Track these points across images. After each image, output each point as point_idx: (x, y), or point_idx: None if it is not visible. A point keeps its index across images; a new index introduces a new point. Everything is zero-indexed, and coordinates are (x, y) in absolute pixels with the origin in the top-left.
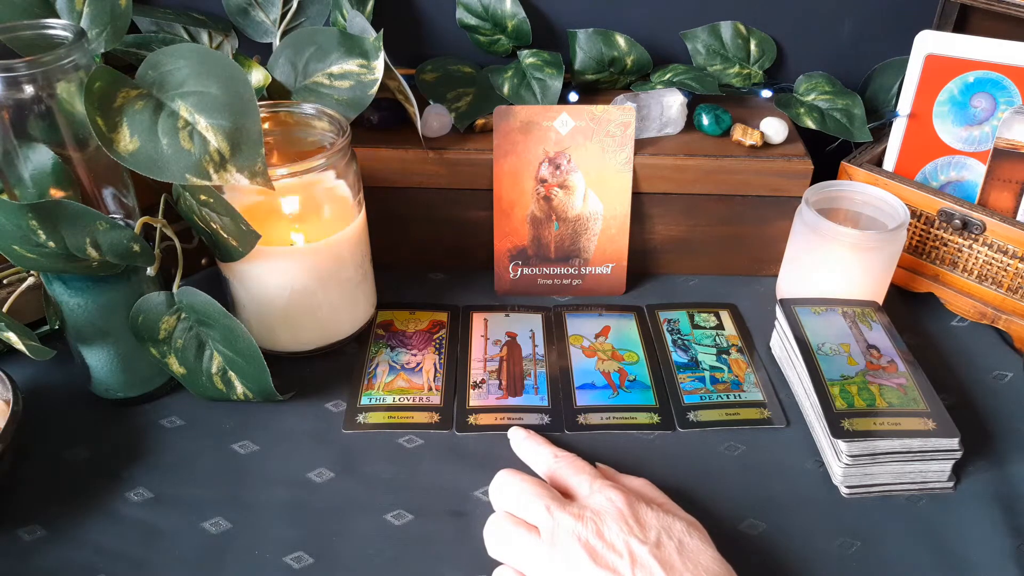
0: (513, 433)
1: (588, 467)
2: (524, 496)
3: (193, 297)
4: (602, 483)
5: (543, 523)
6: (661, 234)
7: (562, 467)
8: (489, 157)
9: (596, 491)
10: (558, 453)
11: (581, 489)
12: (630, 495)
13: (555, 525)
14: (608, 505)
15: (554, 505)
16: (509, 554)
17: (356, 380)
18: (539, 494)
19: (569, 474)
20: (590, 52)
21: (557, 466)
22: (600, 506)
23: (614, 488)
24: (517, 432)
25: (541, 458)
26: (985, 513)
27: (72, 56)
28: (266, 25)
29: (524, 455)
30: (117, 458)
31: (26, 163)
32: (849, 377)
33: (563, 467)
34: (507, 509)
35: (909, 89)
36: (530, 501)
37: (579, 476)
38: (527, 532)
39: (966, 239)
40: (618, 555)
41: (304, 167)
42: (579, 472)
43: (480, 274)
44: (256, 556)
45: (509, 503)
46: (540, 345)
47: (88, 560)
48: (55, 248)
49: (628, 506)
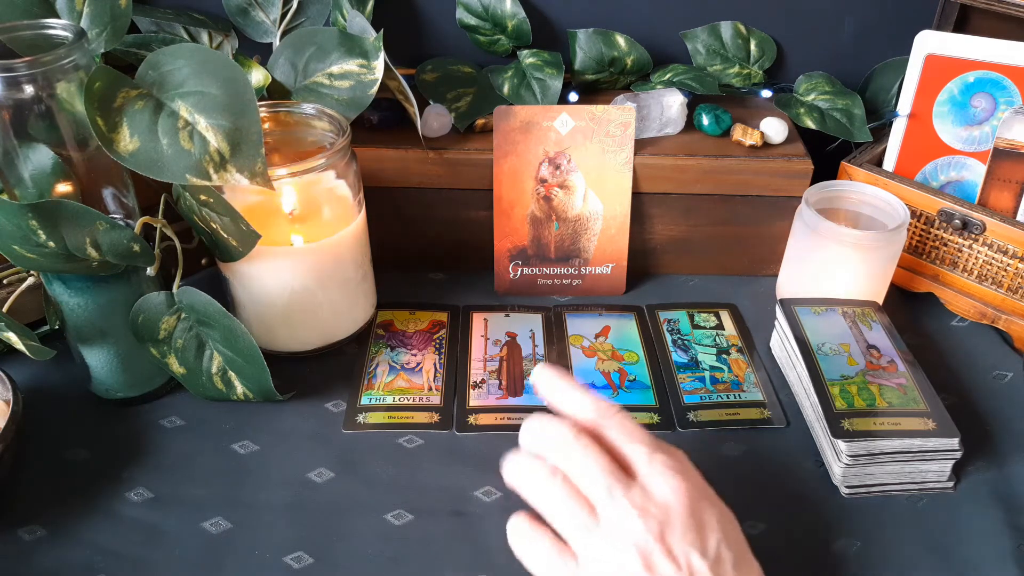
0: (540, 372)
1: (641, 432)
2: (585, 465)
3: (193, 297)
4: (663, 460)
5: (602, 506)
6: (661, 234)
7: (613, 428)
8: (489, 157)
9: (657, 471)
10: (602, 407)
11: (639, 463)
12: (692, 483)
13: (616, 514)
14: (672, 498)
15: (617, 487)
16: (558, 522)
17: (356, 380)
18: (603, 468)
19: (623, 440)
20: (590, 52)
21: (608, 425)
22: (664, 498)
23: (677, 473)
24: (544, 371)
25: (583, 407)
26: (985, 513)
27: (72, 56)
28: (266, 25)
29: (558, 400)
30: (117, 458)
31: (26, 163)
32: (849, 377)
33: (614, 428)
34: (558, 467)
35: (909, 89)
36: (592, 474)
37: (634, 445)
38: (581, 509)
39: (966, 239)
40: (677, 567)
41: (304, 167)
42: (634, 439)
43: (480, 274)
44: (256, 556)
45: (562, 461)
46: (540, 345)
47: (88, 560)
48: (55, 248)
49: (692, 502)
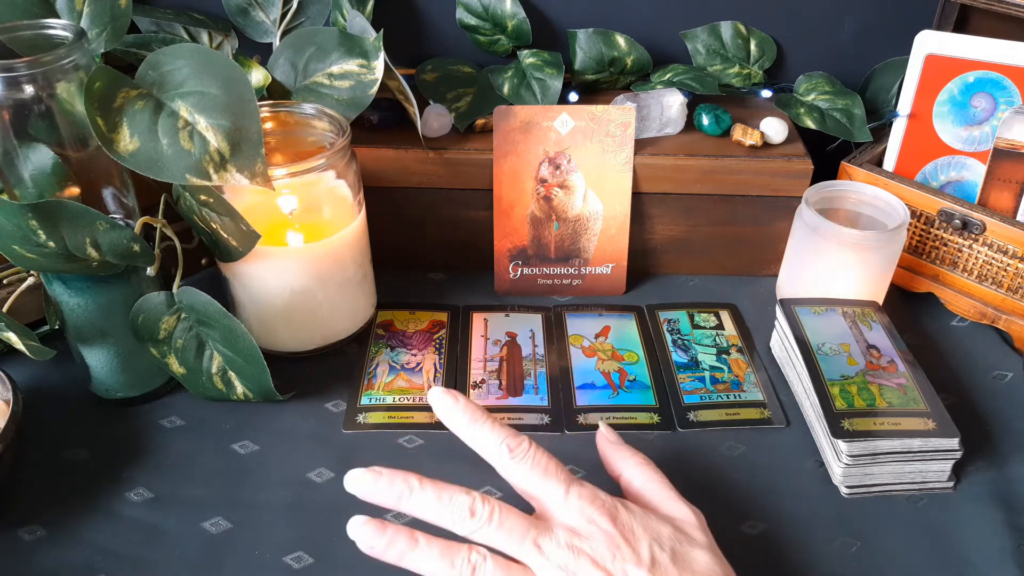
0: (436, 397)
1: (553, 465)
2: (504, 525)
3: (193, 297)
4: (578, 492)
5: (534, 563)
6: (661, 234)
7: (523, 470)
8: (489, 157)
9: (574, 506)
10: (512, 444)
11: (553, 500)
12: (609, 506)
13: (549, 565)
14: (593, 529)
15: (541, 537)
16: None
17: (356, 380)
18: (522, 524)
19: (535, 480)
20: (590, 52)
21: (516, 467)
22: (586, 531)
23: (592, 501)
24: (442, 397)
25: (489, 449)
26: (985, 513)
27: (72, 56)
28: (266, 25)
29: (460, 431)
30: (117, 458)
31: (26, 163)
32: (849, 377)
33: (525, 470)
34: (468, 535)
35: (909, 89)
36: (512, 535)
37: (548, 483)
38: (514, 572)
39: (966, 239)
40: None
41: (304, 167)
42: (547, 476)
43: (480, 274)
44: (256, 556)
45: (472, 529)
46: (540, 345)
47: (88, 560)
48: (55, 248)
49: (613, 523)
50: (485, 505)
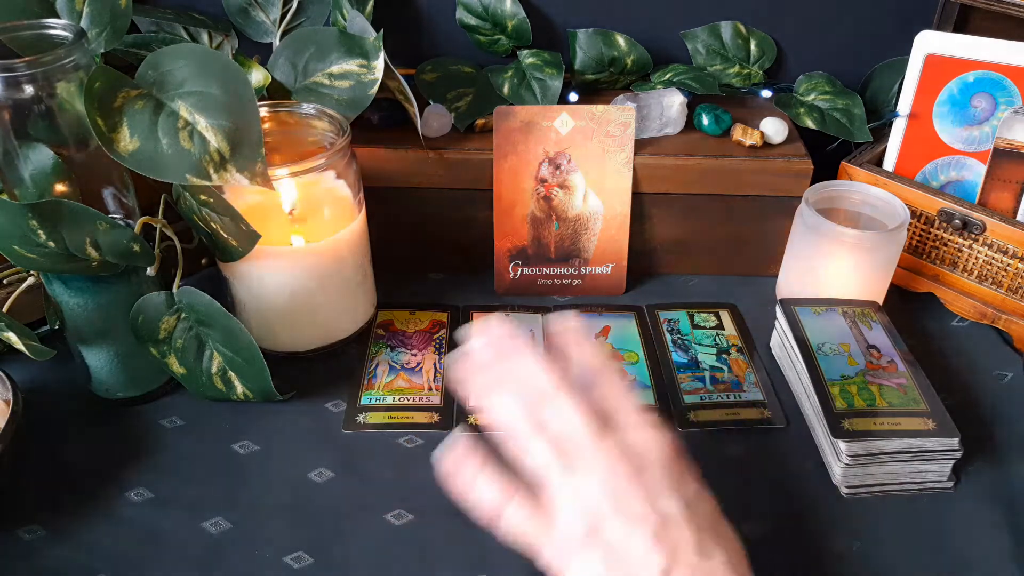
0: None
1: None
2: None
3: (193, 297)
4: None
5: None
6: (661, 234)
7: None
8: (489, 157)
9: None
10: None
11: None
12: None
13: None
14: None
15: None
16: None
17: (356, 380)
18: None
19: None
20: (590, 52)
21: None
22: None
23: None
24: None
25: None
26: (985, 513)
27: (72, 56)
28: (266, 25)
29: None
30: (117, 458)
31: (26, 163)
32: (849, 377)
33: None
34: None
35: (909, 89)
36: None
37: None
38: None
39: (966, 239)
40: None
41: (304, 167)
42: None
43: (480, 274)
44: (256, 556)
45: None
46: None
47: (88, 560)
48: (55, 248)
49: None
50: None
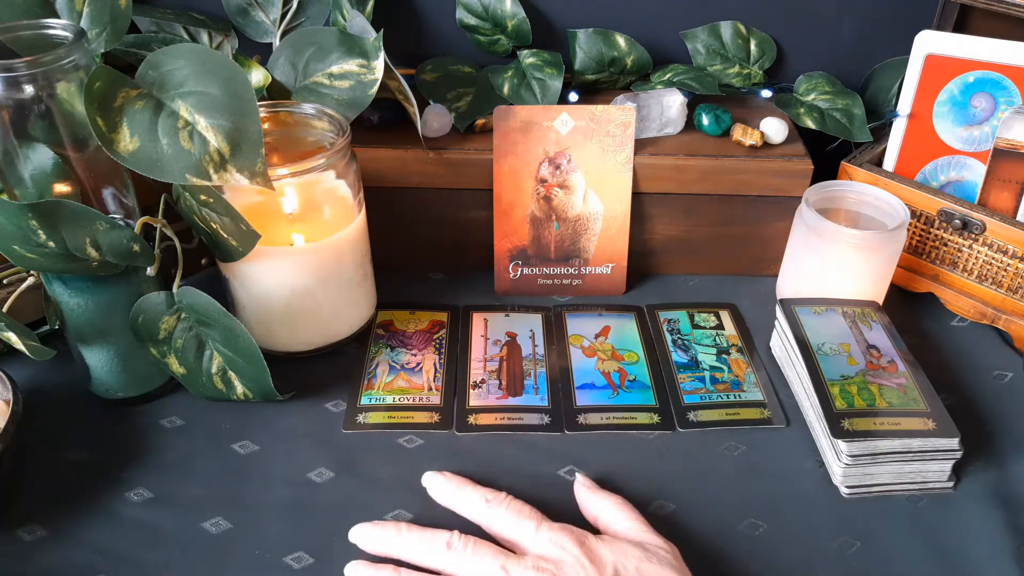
0: (429, 480)
1: (527, 509)
2: (477, 553)
3: (193, 297)
4: (548, 526)
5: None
6: (661, 234)
7: (499, 514)
8: (489, 157)
9: (544, 537)
10: (490, 497)
11: (525, 535)
12: (578, 534)
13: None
14: (561, 553)
15: (509, 563)
16: None
17: (356, 380)
18: (491, 552)
19: (510, 521)
20: (590, 52)
21: (493, 513)
22: (555, 556)
23: (561, 531)
24: (434, 478)
25: (471, 505)
26: (985, 513)
27: (72, 56)
28: (266, 25)
29: (450, 502)
30: (117, 458)
31: (26, 163)
32: (849, 377)
33: (501, 514)
34: (444, 567)
35: (909, 89)
36: (483, 560)
37: (521, 522)
38: None
39: (966, 239)
40: None
41: (304, 167)
42: (520, 517)
43: (480, 274)
44: (256, 556)
45: (449, 560)
46: (540, 345)
47: (88, 560)
48: (55, 248)
49: (580, 547)
50: (461, 539)
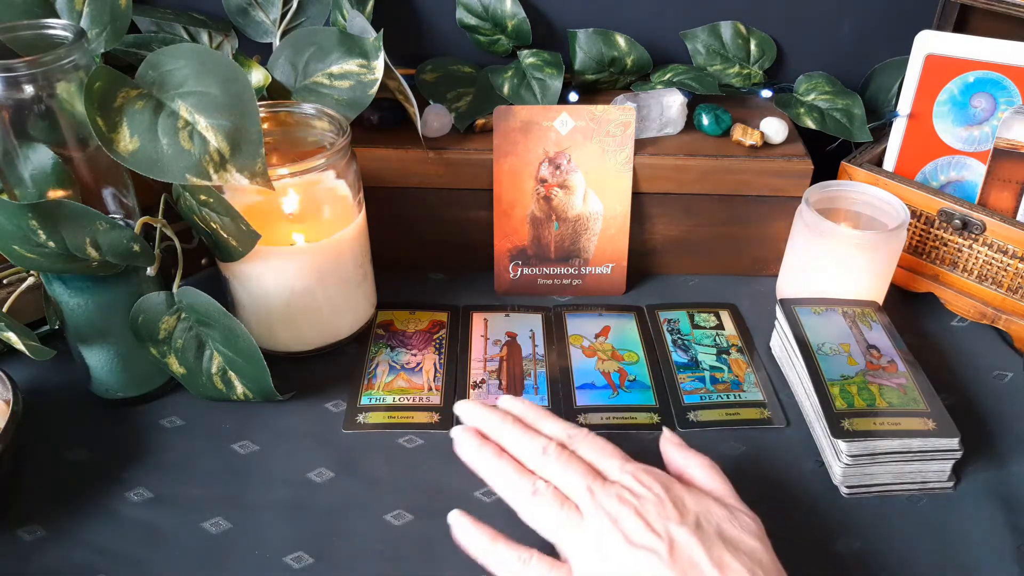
0: (508, 402)
1: (610, 446)
2: (567, 467)
3: (193, 297)
4: (634, 465)
5: (584, 502)
6: (661, 234)
7: (583, 447)
8: (489, 157)
9: (629, 471)
10: (572, 432)
11: (611, 469)
12: (665, 478)
13: (596, 507)
14: (646, 492)
15: (595, 485)
16: (545, 526)
17: (356, 380)
18: (582, 470)
19: (595, 455)
20: (590, 52)
21: (576, 446)
22: (639, 491)
23: (647, 471)
24: (513, 402)
25: (557, 432)
26: (985, 513)
27: (72, 56)
28: (266, 25)
29: (530, 419)
30: (117, 458)
31: (26, 163)
32: (849, 377)
33: (584, 447)
34: (536, 468)
35: (909, 89)
36: (573, 475)
37: (606, 458)
38: (566, 509)
39: (966, 239)
40: (656, 536)
41: (304, 167)
42: (604, 453)
43: (480, 274)
44: (256, 556)
45: (542, 468)
46: (540, 345)
47: (88, 560)
48: (55, 248)
49: (666, 491)
50: (556, 448)
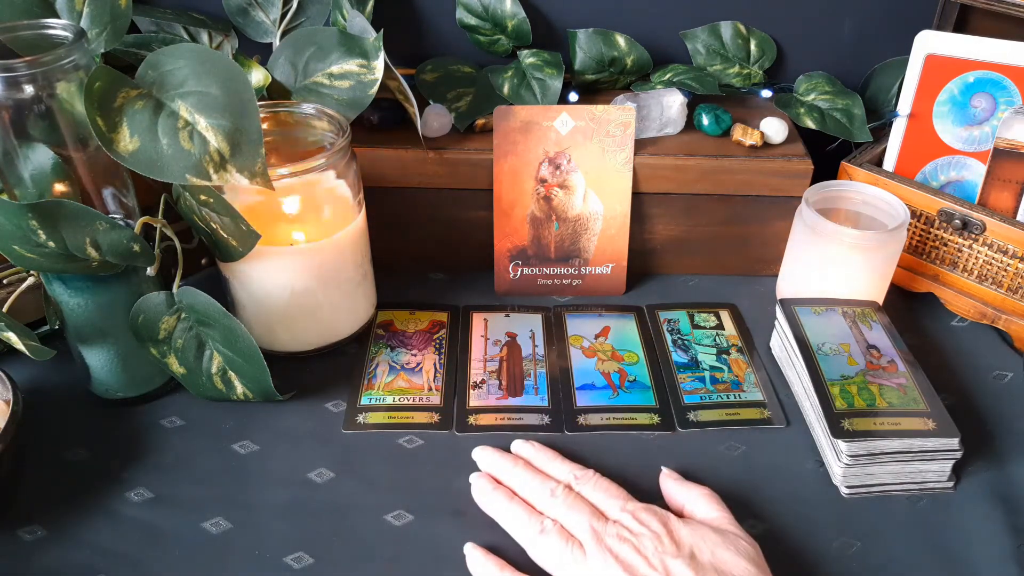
0: (520, 447)
1: (614, 487)
2: (573, 508)
3: (193, 297)
4: (634, 504)
5: (587, 540)
6: (661, 234)
7: (588, 490)
8: (489, 157)
9: (629, 510)
10: (578, 473)
11: (612, 510)
12: (660, 515)
13: (598, 544)
14: (644, 529)
15: (597, 524)
16: (552, 562)
17: (356, 380)
18: (587, 511)
19: (598, 497)
20: (590, 52)
21: (582, 489)
22: (637, 529)
23: (646, 510)
24: (523, 446)
25: (562, 478)
26: (985, 513)
27: (72, 56)
28: (266, 25)
29: (539, 462)
30: (117, 458)
31: (26, 163)
32: (849, 377)
33: (589, 490)
34: (544, 510)
35: (909, 89)
36: (577, 515)
37: (609, 500)
38: (570, 546)
39: (966, 239)
40: (654, 570)
41: (304, 167)
42: (608, 495)
43: (480, 274)
44: (256, 556)
45: (549, 505)
46: (540, 345)
47: (88, 560)
48: (55, 248)
49: (663, 526)
50: (563, 490)
